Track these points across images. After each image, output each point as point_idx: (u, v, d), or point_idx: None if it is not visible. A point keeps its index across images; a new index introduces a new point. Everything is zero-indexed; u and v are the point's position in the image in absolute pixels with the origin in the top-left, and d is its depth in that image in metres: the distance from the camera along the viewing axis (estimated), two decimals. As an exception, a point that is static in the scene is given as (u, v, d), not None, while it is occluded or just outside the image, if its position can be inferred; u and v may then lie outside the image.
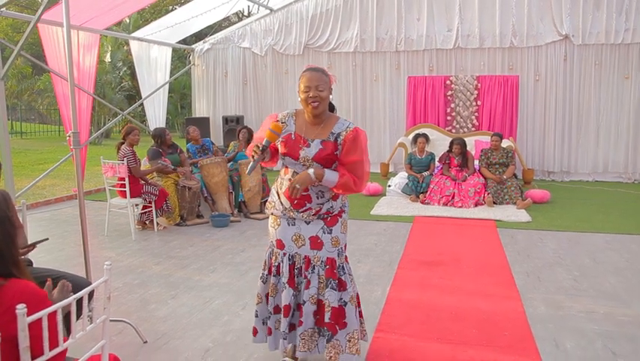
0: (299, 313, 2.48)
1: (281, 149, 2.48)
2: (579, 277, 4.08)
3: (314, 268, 2.43)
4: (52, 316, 1.48)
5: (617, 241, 5.11)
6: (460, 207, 6.65)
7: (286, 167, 2.49)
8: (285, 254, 2.48)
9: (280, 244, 2.50)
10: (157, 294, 3.80)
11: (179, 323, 3.27)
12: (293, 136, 2.43)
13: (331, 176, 2.36)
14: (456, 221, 6.04)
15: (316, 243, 2.43)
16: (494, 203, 6.75)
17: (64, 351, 1.57)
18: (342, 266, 2.47)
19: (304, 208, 2.43)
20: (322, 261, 2.43)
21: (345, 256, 2.53)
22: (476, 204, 6.70)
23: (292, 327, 2.52)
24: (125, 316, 3.28)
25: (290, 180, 2.42)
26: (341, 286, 2.44)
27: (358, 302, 2.63)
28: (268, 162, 2.52)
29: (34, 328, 1.42)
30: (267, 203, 2.61)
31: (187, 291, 3.85)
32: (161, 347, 2.96)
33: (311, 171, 2.34)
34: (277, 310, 2.55)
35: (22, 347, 1.40)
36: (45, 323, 1.44)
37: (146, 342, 3.00)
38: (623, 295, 3.68)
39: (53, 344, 1.50)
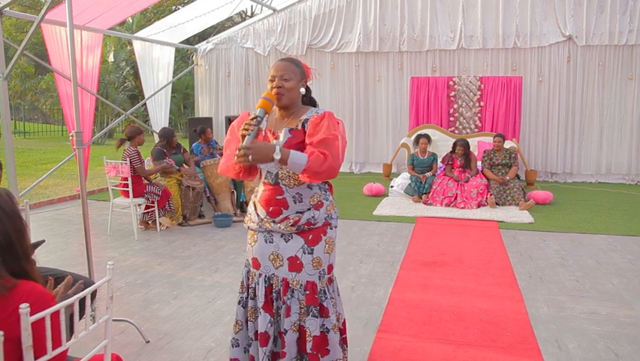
0: (281, 342, 2.21)
1: None
2: (581, 278, 4.07)
3: (293, 292, 2.17)
4: (55, 315, 1.48)
5: (619, 243, 5.10)
6: (463, 208, 6.64)
7: (260, 172, 2.26)
8: (260, 275, 2.22)
9: (256, 263, 2.25)
10: (159, 294, 3.81)
11: (181, 323, 3.28)
12: (264, 132, 2.23)
13: (298, 155, 1.98)
14: (458, 222, 6.04)
15: (295, 264, 2.17)
16: (497, 204, 6.75)
17: (65, 351, 1.57)
18: (324, 290, 2.21)
19: (281, 217, 2.16)
20: (302, 285, 2.17)
21: (329, 278, 2.25)
22: (479, 205, 6.69)
23: (276, 356, 2.25)
24: (128, 315, 3.29)
25: (265, 183, 2.21)
26: (323, 312, 2.19)
27: (344, 329, 2.40)
28: (247, 176, 2.28)
29: (38, 328, 1.42)
30: (245, 216, 2.36)
31: (189, 291, 3.86)
32: (163, 346, 2.96)
33: (278, 145, 1.98)
34: (257, 336, 2.28)
35: (25, 347, 1.41)
36: (48, 323, 1.44)
37: (148, 342, 3.01)
38: (625, 297, 3.67)
39: (56, 343, 1.50)
